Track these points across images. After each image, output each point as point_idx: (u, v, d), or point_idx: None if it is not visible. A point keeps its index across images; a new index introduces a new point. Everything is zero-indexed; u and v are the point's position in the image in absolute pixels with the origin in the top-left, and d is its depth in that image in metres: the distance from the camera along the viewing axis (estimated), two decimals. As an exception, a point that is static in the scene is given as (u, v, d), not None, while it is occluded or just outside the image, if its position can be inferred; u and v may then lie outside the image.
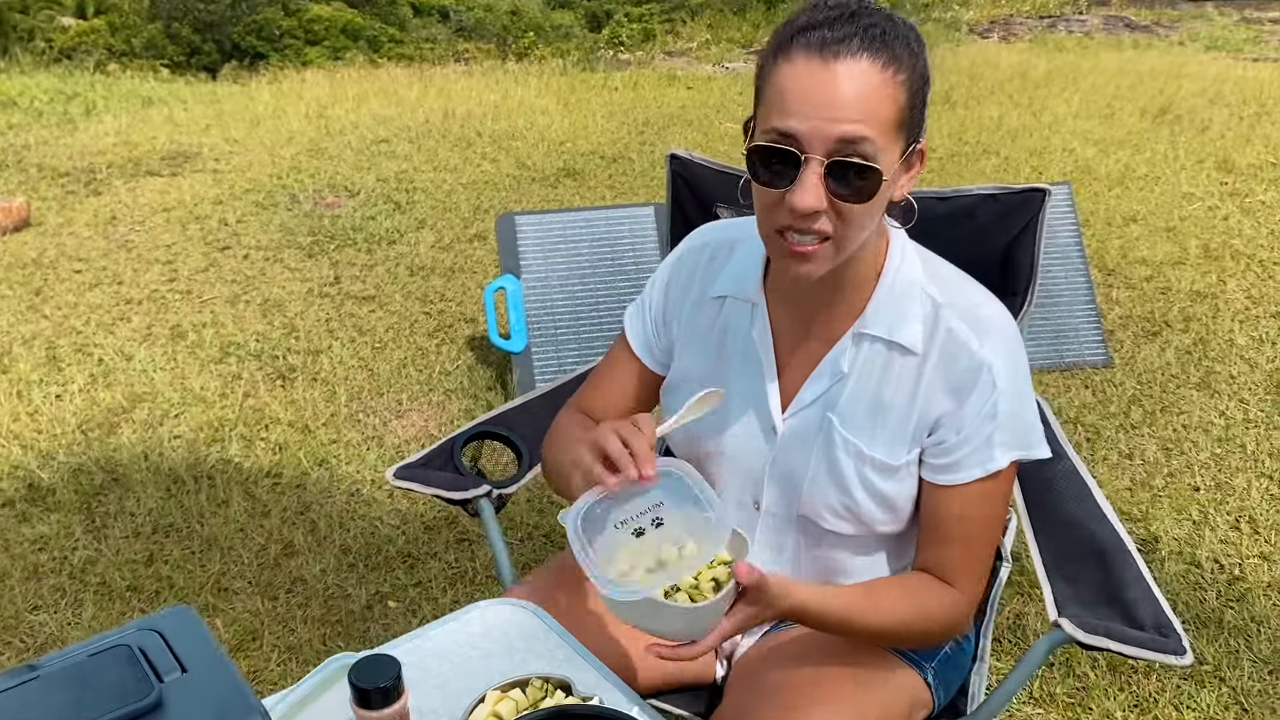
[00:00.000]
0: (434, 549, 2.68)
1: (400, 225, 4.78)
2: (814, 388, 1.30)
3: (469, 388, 3.45)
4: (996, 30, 11.97)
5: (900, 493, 1.29)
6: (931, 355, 1.24)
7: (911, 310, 1.25)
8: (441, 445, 1.78)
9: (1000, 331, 1.25)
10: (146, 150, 5.85)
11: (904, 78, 1.10)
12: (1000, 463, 1.24)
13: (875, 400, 1.27)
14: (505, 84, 7.96)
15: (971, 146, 6.09)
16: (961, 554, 1.28)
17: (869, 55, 1.07)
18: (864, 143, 1.07)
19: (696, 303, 1.40)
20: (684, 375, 1.41)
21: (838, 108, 1.06)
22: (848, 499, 1.29)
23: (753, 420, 1.34)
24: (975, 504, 1.27)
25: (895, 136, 1.11)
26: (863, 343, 1.27)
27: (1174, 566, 2.58)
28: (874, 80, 1.07)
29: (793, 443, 1.32)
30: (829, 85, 1.07)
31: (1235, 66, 8.74)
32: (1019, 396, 1.25)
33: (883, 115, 1.08)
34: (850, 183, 1.09)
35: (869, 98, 1.07)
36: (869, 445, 1.27)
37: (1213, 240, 4.55)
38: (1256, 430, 3.15)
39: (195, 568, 2.60)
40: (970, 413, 1.23)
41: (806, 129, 1.07)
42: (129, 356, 3.61)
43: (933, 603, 1.27)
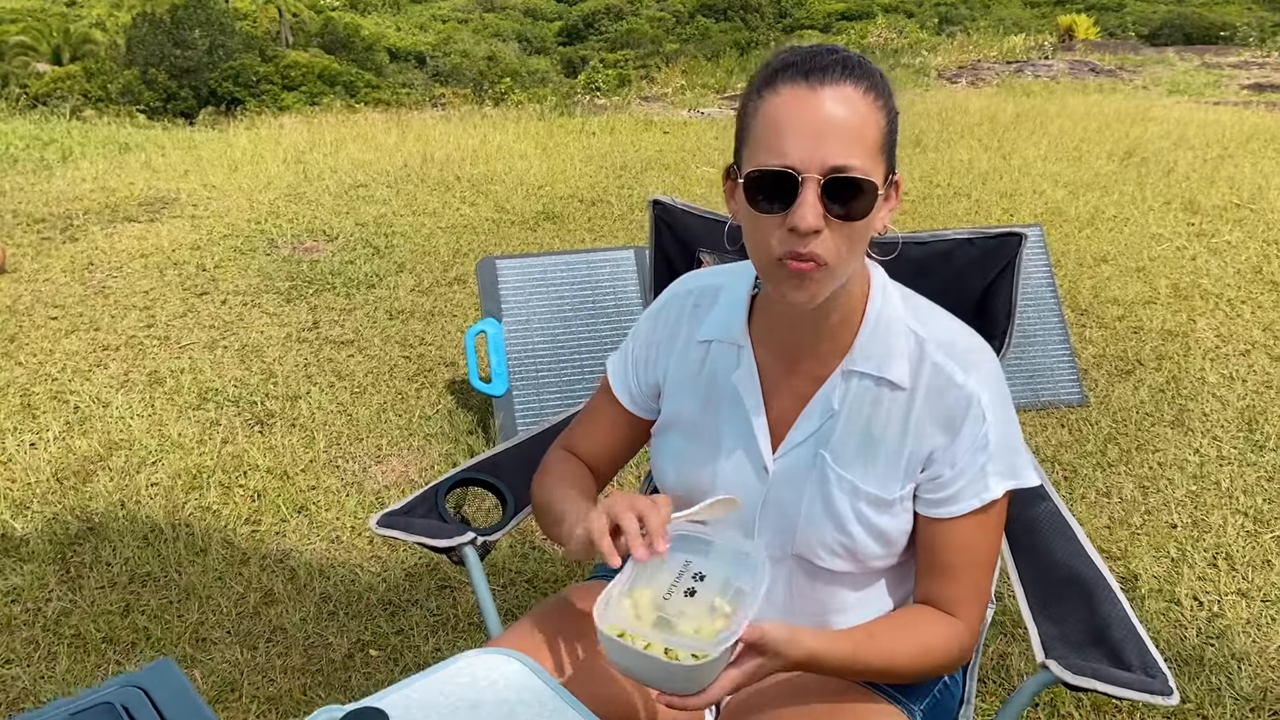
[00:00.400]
0: (415, 596, 2.66)
1: (379, 269, 4.79)
2: (805, 426, 1.32)
3: (449, 432, 3.44)
4: (965, 76, 12.19)
5: (895, 527, 1.31)
6: (919, 390, 1.27)
7: (897, 346, 1.27)
8: (425, 492, 1.77)
9: (983, 364, 1.28)
10: (124, 196, 5.84)
11: (882, 104, 1.16)
12: (995, 492, 1.27)
13: (866, 436, 1.29)
14: (483, 129, 8.01)
15: (943, 189, 6.17)
16: (962, 585, 1.30)
17: (851, 81, 1.13)
18: (854, 164, 1.12)
19: (683, 348, 1.42)
20: (674, 418, 1.43)
21: (828, 130, 1.11)
22: (844, 536, 1.31)
23: (743, 461, 1.36)
24: (973, 535, 1.29)
25: (879, 159, 1.15)
26: (852, 379, 1.29)
27: (1154, 604, 2.60)
28: (858, 104, 1.13)
29: (785, 482, 1.33)
30: (817, 109, 1.12)
31: (1197, 110, 8.94)
32: (1007, 426, 1.29)
33: (868, 137, 1.13)
34: (846, 200, 1.13)
35: (855, 120, 1.12)
36: (863, 481, 1.29)
37: (1182, 280, 4.62)
38: (1230, 467, 3.18)
39: (173, 618, 2.57)
40: (963, 446, 1.26)
41: (800, 152, 1.12)
42: (106, 403, 3.58)
43: (935, 637, 1.29)
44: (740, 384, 1.35)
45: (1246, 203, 5.71)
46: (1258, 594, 2.62)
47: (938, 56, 13.48)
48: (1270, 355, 3.89)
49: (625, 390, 1.48)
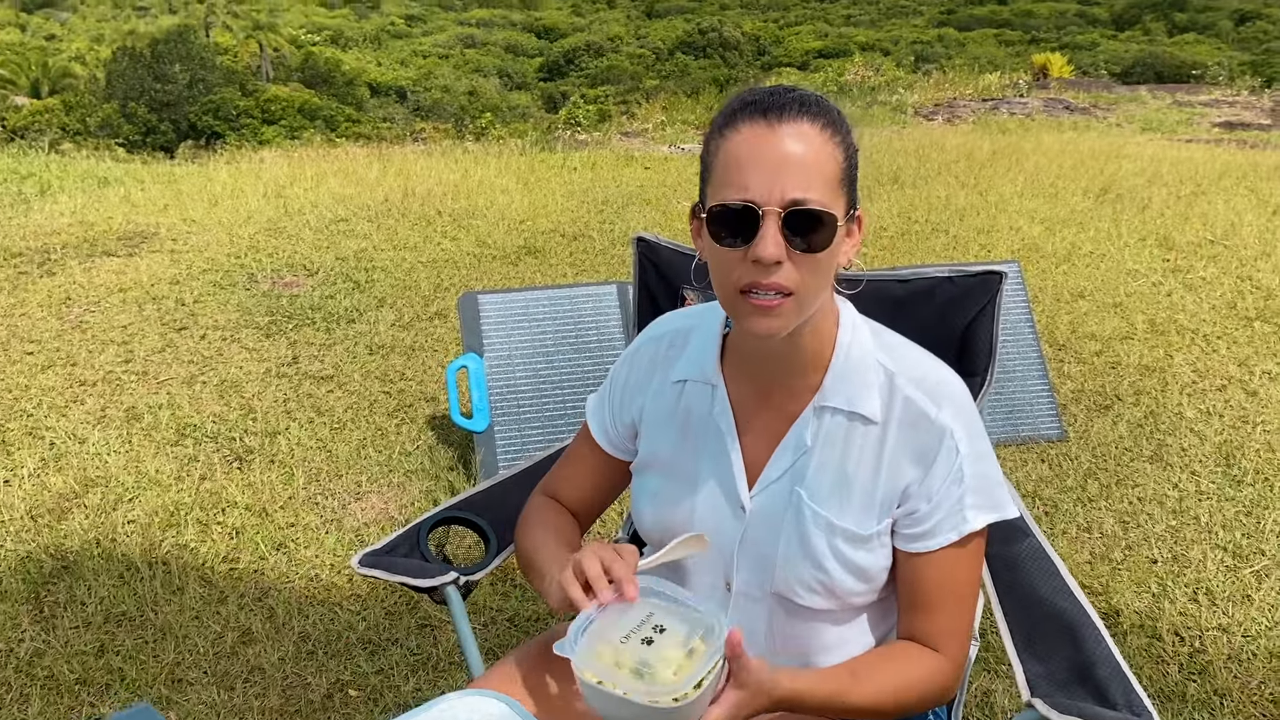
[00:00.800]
0: (396, 635, 2.63)
1: (359, 304, 4.77)
2: (780, 463, 1.32)
3: (430, 469, 3.42)
4: (941, 113, 12.34)
5: (873, 563, 1.31)
6: (891, 424, 1.28)
7: (868, 380, 1.29)
8: (407, 531, 1.76)
9: (954, 396, 1.30)
10: (103, 230, 5.81)
11: (840, 140, 1.19)
12: (973, 525, 1.28)
13: (840, 472, 1.30)
14: (465, 163, 8.03)
15: (921, 225, 6.23)
16: (943, 619, 1.31)
17: (808, 118, 1.16)
18: (813, 198, 1.14)
19: (658, 390, 1.43)
20: (651, 458, 1.44)
21: (786, 165, 1.14)
22: (821, 573, 1.31)
23: (720, 499, 1.36)
24: (952, 568, 1.30)
25: (839, 194, 1.18)
26: (824, 415, 1.30)
27: (1136, 640, 2.60)
28: (815, 140, 1.16)
29: (762, 520, 1.34)
30: (776, 145, 1.15)
31: (1170, 147, 9.07)
32: (982, 458, 1.30)
33: (827, 171, 1.16)
34: (806, 233, 1.15)
35: (813, 155, 1.15)
36: (838, 517, 1.30)
37: (1158, 315, 4.67)
38: (1209, 502, 3.20)
39: (148, 658, 2.53)
40: (938, 479, 1.27)
41: (761, 187, 1.14)
42: (82, 440, 3.54)
43: (919, 672, 1.29)
44: (714, 423, 1.36)
45: (1220, 239, 5.79)
46: (1238, 629, 2.62)
47: (914, 94, 13.64)
48: (1246, 390, 3.93)
49: (603, 433, 1.50)
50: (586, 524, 1.57)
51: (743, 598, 1.38)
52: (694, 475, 1.38)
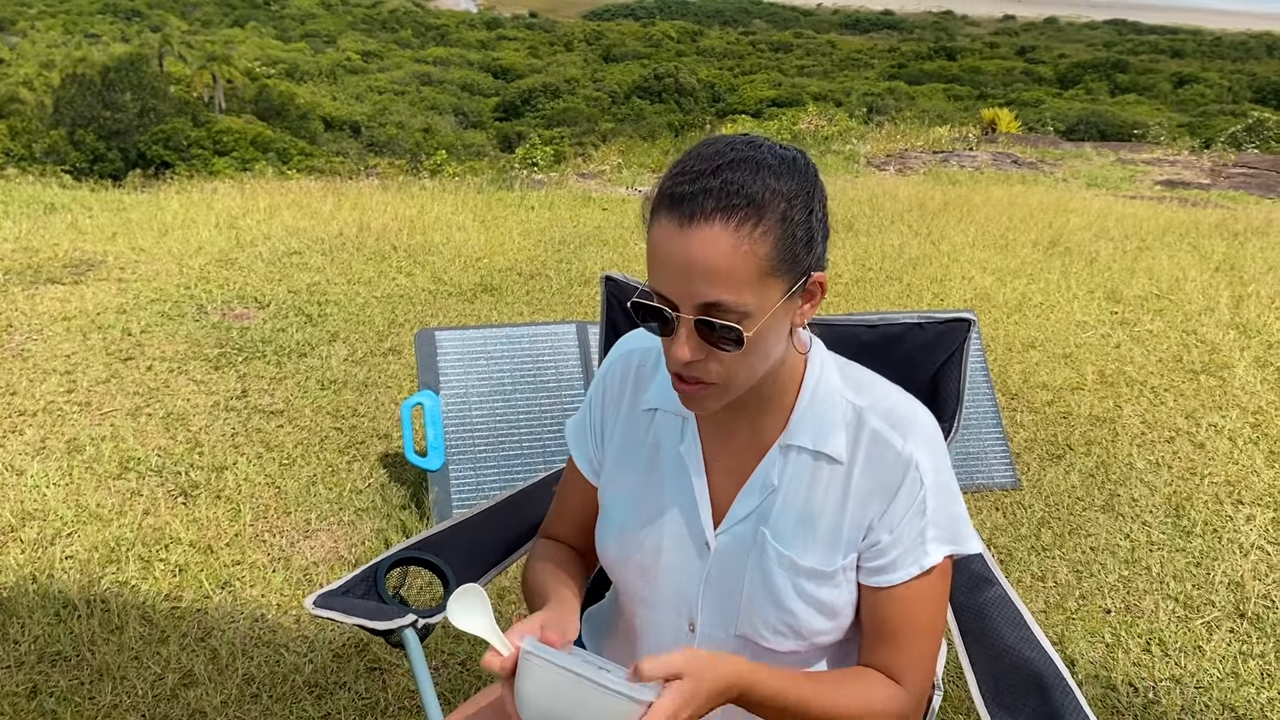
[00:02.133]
0: (343, 678, 2.56)
1: (311, 338, 4.70)
2: (746, 503, 1.31)
3: (381, 507, 3.35)
4: (893, 163, 12.55)
5: (838, 598, 1.30)
6: (858, 460, 1.27)
7: (834, 418, 1.28)
8: (364, 571, 1.71)
9: (921, 428, 1.29)
10: (48, 257, 5.68)
11: (765, 226, 1.12)
12: (934, 558, 1.27)
13: (805, 511, 1.29)
14: (421, 199, 7.99)
15: (875, 273, 6.30)
16: (905, 653, 1.29)
17: (722, 217, 1.10)
18: (723, 304, 1.12)
19: (628, 414, 1.42)
20: (618, 487, 1.41)
21: (694, 275, 1.11)
22: (786, 614, 1.29)
23: (685, 536, 1.34)
24: (914, 603, 1.29)
25: (765, 283, 1.13)
26: (790, 454, 1.30)
27: (1091, 690, 2.60)
28: (725, 245, 1.10)
29: (726, 559, 1.32)
30: (685, 253, 1.11)
31: (1115, 203, 9.30)
32: (945, 491, 1.28)
33: (741, 274, 1.11)
34: (720, 334, 1.14)
35: (723, 262, 1.11)
36: (801, 556, 1.29)
37: (1107, 367, 4.74)
38: (1160, 553, 3.24)
39: (84, 700, 2.43)
40: (899, 511, 1.26)
41: (673, 291, 1.14)
42: (20, 471, 3.43)
43: (877, 693, 1.28)
44: (683, 456, 1.35)
45: (1166, 293, 5.92)
46: (1190, 680, 2.64)
47: (866, 144, 13.87)
48: (1193, 442, 4.00)
49: (588, 463, 1.47)
50: (594, 559, 1.53)
51: (707, 641, 1.35)
52: (660, 510, 1.36)
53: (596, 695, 1.07)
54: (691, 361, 1.15)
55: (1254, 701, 2.57)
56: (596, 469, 1.46)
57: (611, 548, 1.40)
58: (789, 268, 1.15)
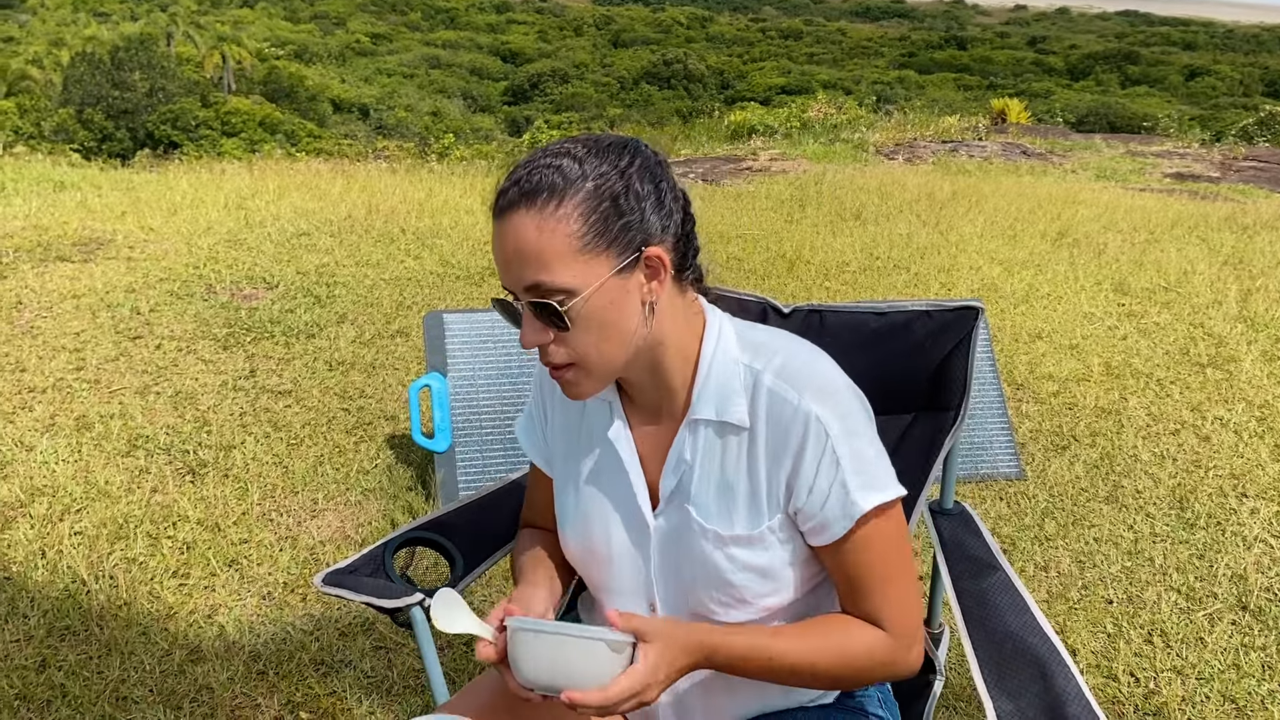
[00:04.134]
0: (349, 656, 2.58)
1: (320, 319, 4.72)
2: (668, 482, 1.33)
3: (388, 488, 3.37)
4: (901, 153, 12.52)
5: (771, 560, 1.30)
6: (759, 422, 1.27)
7: (732, 386, 1.28)
8: (372, 550, 1.72)
9: (817, 379, 1.27)
10: (57, 235, 5.70)
11: (571, 206, 1.16)
12: (863, 506, 1.24)
13: (722, 482, 1.30)
14: (429, 182, 8.00)
15: (883, 261, 6.29)
16: (874, 599, 1.30)
17: (524, 205, 1.18)
18: (541, 284, 1.17)
19: (563, 404, 1.44)
20: (565, 483, 1.44)
21: (511, 262, 1.19)
22: (725, 585, 1.30)
23: (630, 520, 1.36)
24: (862, 553, 1.28)
25: (583, 261, 1.17)
26: (697, 429, 1.31)
27: (1092, 680, 2.61)
28: (530, 229, 1.17)
29: (666, 539, 1.34)
30: (501, 245, 1.20)
31: (1124, 195, 9.27)
32: (856, 437, 1.26)
33: (549, 252, 1.16)
34: (550, 314, 1.19)
35: (530, 245, 1.17)
36: (726, 528, 1.29)
37: (1114, 358, 4.74)
38: (1163, 544, 3.24)
39: (92, 674, 2.45)
40: (809, 467, 1.25)
41: (506, 282, 1.21)
42: (29, 447, 3.45)
43: (857, 640, 1.29)
44: (615, 441, 1.36)
45: (1173, 286, 5.91)
46: (1192, 671, 2.65)
47: (875, 133, 13.84)
48: (1198, 435, 4.00)
49: (540, 455, 1.51)
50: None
51: (668, 615, 1.37)
52: (605, 496, 1.38)
53: (580, 646, 1.16)
54: (539, 346, 1.22)
55: (1255, 694, 2.57)
56: (548, 460, 1.49)
57: (569, 539, 1.42)
58: (609, 242, 1.18)
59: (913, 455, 1.76)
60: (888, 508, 1.27)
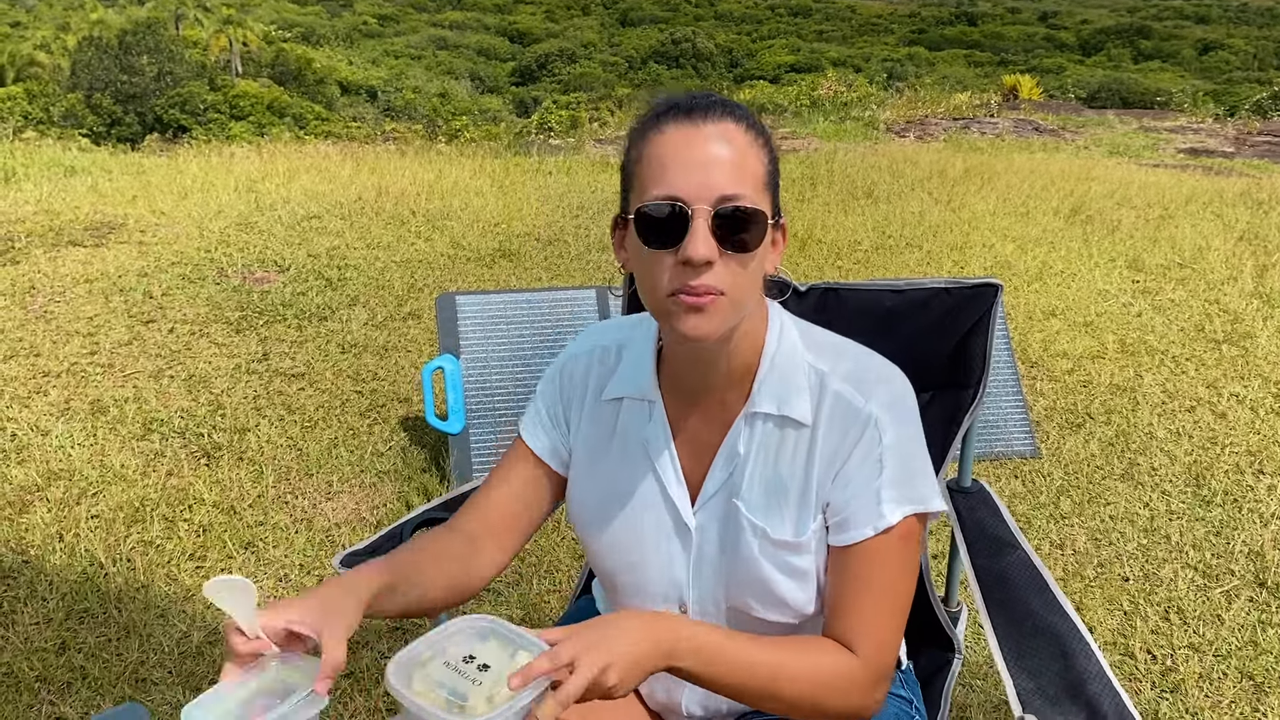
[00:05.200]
0: (366, 638, 2.58)
1: (332, 302, 4.72)
2: (717, 476, 1.30)
3: (403, 470, 3.37)
4: (913, 130, 12.44)
5: (814, 564, 1.28)
6: (821, 424, 1.25)
7: (797, 383, 1.26)
8: (389, 531, 1.72)
9: (886, 384, 1.26)
10: (69, 220, 5.71)
11: (763, 143, 1.18)
12: (889, 519, 1.22)
13: (773, 479, 1.27)
14: (439, 164, 7.98)
15: (895, 239, 6.26)
16: (858, 619, 1.23)
17: (732, 118, 1.16)
18: (743, 194, 1.13)
19: (592, 409, 1.39)
20: (592, 484, 1.37)
21: (714, 162, 1.13)
22: (767, 582, 1.28)
23: (664, 520, 1.32)
24: (872, 564, 1.24)
25: (765, 195, 1.17)
26: (755, 422, 1.28)
27: (1109, 657, 2.61)
28: (740, 138, 1.15)
29: (707, 537, 1.31)
30: (702, 144, 1.13)
31: (1138, 171, 9.20)
32: (908, 448, 1.25)
33: (754, 171, 1.15)
34: (737, 231, 1.13)
35: (739, 154, 1.14)
36: (775, 526, 1.27)
37: (1128, 336, 4.72)
38: (1179, 521, 3.23)
39: (111, 656, 2.47)
40: (855, 466, 1.23)
41: (688, 186, 1.12)
42: (45, 432, 3.46)
43: (826, 662, 1.21)
44: (653, 440, 1.33)
45: (1188, 262, 5.87)
46: (1209, 648, 2.64)
47: (886, 110, 13.75)
48: (1214, 412, 3.98)
49: (550, 449, 1.41)
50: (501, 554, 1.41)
51: (699, 615, 1.33)
52: (638, 498, 1.33)
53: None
54: (707, 261, 1.11)
55: (1273, 670, 2.57)
56: (564, 457, 1.41)
57: (595, 544, 1.37)
58: (773, 194, 1.20)
59: (931, 434, 1.74)
60: (912, 530, 1.25)
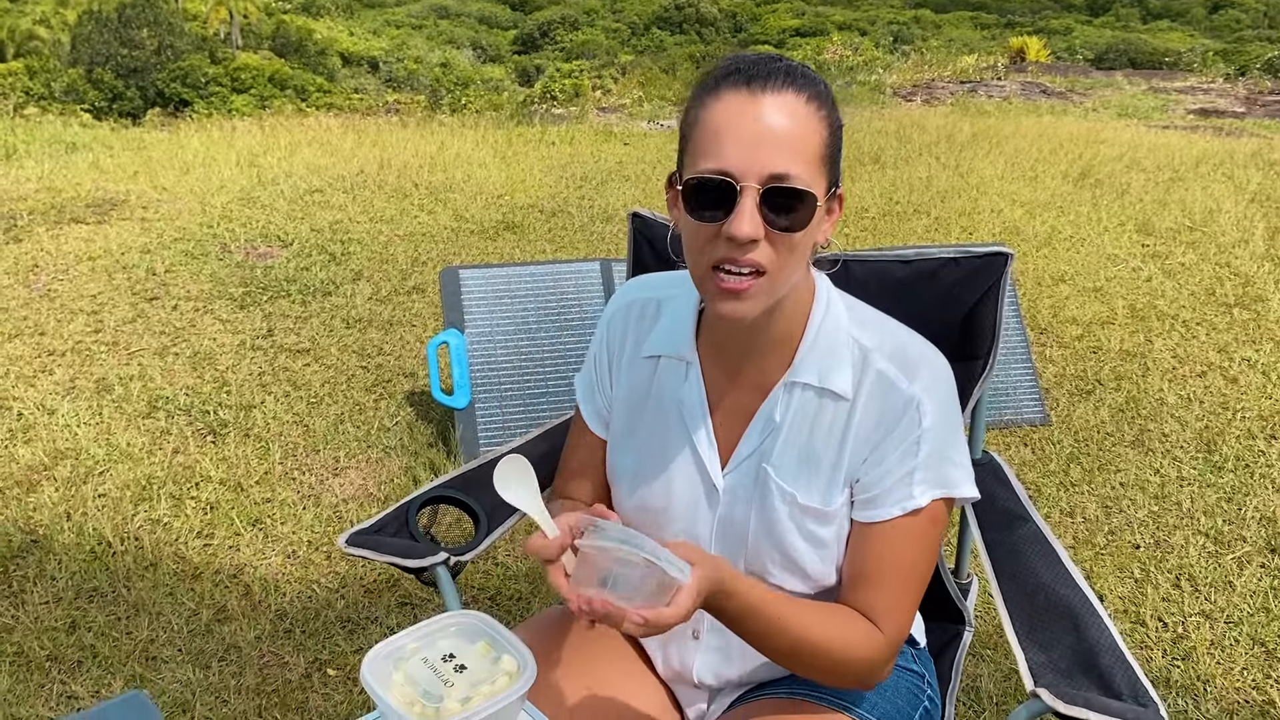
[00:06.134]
0: (375, 614, 2.59)
1: (335, 276, 4.70)
2: (750, 441, 1.29)
3: (409, 445, 3.36)
4: (919, 94, 12.33)
5: (838, 536, 1.28)
6: (861, 399, 1.24)
7: (840, 356, 1.25)
8: (395, 510, 1.71)
9: (930, 368, 1.25)
10: (71, 197, 5.68)
11: (825, 113, 1.13)
12: (919, 501, 1.23)
13: (807, 448, 1.27)
14: (440, 136, 7.93)
15: (903, 206, 6.21)
16: (880, 595, 1.25)
17: (793, 88, 1.11)
18: (791, 176, 1.09)
19: (630, 363, 1.39)
20: (626, 437, 1.39)
21: (768, 138, 1.09)
22: (789, 549, 1.28)
23: (695, 481, 1.33)
24: (897, 544, 1.25)
25: (821, 170, 1.13)
26: (794, 391, 1.27)
27: (1119, 625, 2.60)
28: (800, 111, 1.10)
29: (734, 499, 1.31)
30: (758, 117, 1.09)
31: (1147, 133, 9.11)
32: (945, 434, 1.24)
33: (810, 147, 1.11)
34: (785, 211, 1.10)
35: (796, 128, 1.10)
36: (804, 494, 1.27)
37: (1138, 301, 4.68)
38: (1190, 488, 3.21)
39: (121, 635, 2.47)
40: (891, 446, 1.23)
41: (740, 160, 1.09)
42: (51, 410, 3.46)
43: (853, 631, 1.23)
44: (687, 401, 1.33)
45: (1199, 225, 5.82)
46: (1220, 615, 2.63)
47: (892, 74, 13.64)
48: (1225, 377, 3.95)
49: (596, 415, 1.45)
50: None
51: None
52: (669, 455, 1.34)
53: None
54: (751, 240, 1.09)
55: (1284, 636, 2.56)
56: (607, 421, 1.44)
57: (626, 499, 1.39)
58: (831, 166, 1.15)
59: (940, 406, 1.73)
60: (939, 514, 1.25)
